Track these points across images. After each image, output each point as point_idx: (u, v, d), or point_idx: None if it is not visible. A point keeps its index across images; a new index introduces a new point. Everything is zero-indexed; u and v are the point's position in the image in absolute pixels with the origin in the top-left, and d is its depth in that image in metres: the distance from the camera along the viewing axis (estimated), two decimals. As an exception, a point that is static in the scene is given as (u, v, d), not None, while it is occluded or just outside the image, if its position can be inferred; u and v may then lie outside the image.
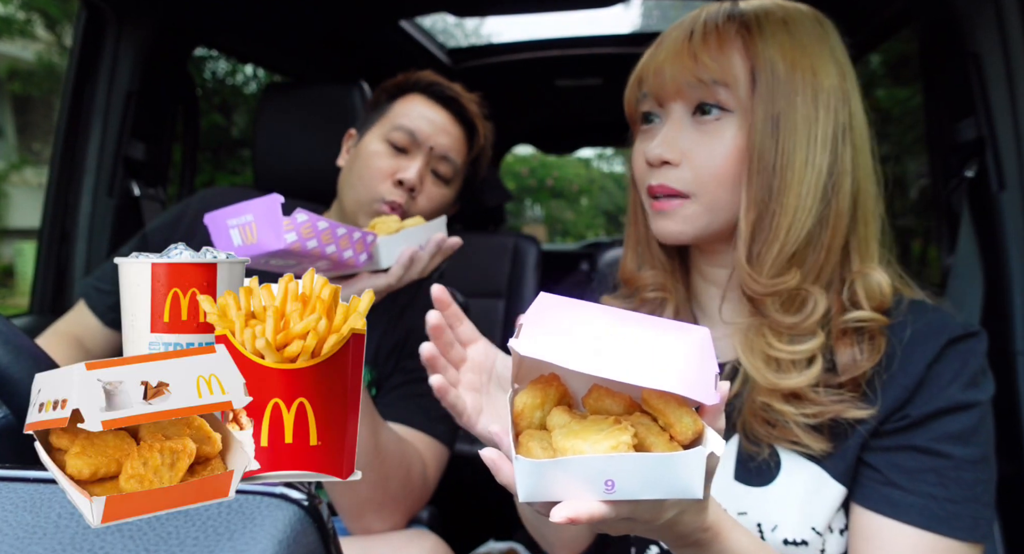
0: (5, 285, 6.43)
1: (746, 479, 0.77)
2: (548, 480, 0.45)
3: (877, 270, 0.76)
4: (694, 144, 0.76)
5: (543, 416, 0.52)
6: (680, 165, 0.77)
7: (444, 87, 1.21)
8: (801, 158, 0.73)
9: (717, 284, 0.84)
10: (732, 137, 0.74)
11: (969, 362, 0.72)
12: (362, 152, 1.19)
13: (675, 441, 0.48)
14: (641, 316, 0.52)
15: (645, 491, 0.45)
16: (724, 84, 0.74)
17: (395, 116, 1.19)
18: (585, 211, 13.74)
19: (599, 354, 0.47)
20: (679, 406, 0.48)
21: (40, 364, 0.56)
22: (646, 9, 3.58)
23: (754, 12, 0.77)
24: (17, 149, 7.31)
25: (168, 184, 1.69)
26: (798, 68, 0.74)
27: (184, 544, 0.37)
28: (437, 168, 1.20)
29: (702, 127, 0.76)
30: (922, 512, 0.69)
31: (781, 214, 0.73)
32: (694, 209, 0.77)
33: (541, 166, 12.11)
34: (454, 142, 1.20)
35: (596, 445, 0.45)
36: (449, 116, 1.20)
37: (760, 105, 0.73)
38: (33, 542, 0.37)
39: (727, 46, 0.75)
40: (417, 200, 1.17)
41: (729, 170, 0.75)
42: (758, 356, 0.74)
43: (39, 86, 6.43)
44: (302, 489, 0.40)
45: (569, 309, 0.52)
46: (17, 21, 5.43)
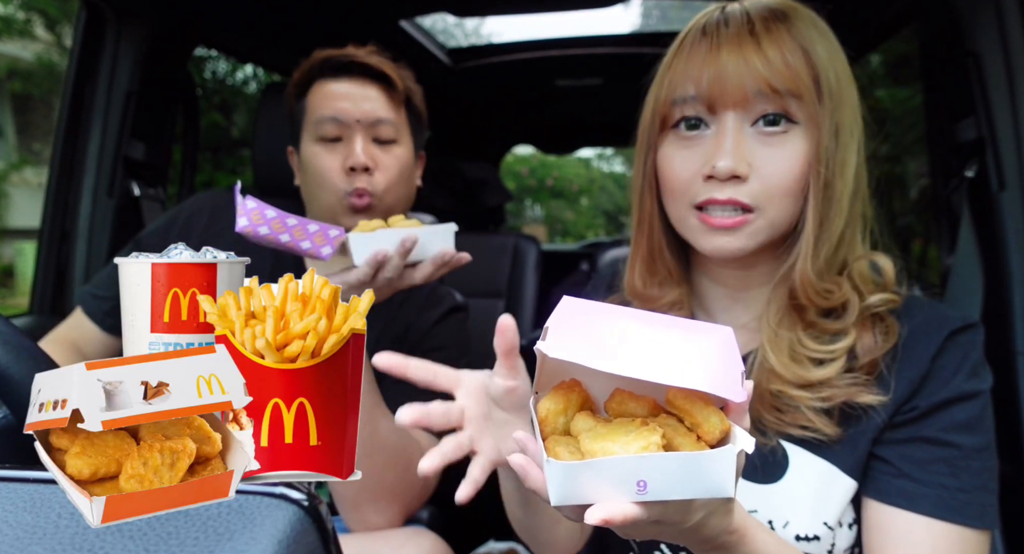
0: (5, 285, 6.43)
1: (754, 476, 0.77)
2: (580, 482, 0.45)
3: (876, 255, 0.78)
4: (763, 158, 0.73)
5: (567, 422, 0.52)
6: (748, 179, 0.73)
7: (335, 58, 1.17)
8: (850, 166, 0.74)
9: (725, 284, 0.84)
10: (800, 149, 0.72)
11: (970, 353, 0.73)
12: (305, 161, 1.17)
13: (702, 441, 0.48)
14: (665, 317, 0.52)
15: (677, 491, 0.45)
16: (797, 96, 0.71)
17: (313, 111, 1.16)
18: (585, 211, 13.74)
19: (626, 355, 0.47)
20: (705, 406, 0.48)
21: (40, 364, 0.56)
22: (646, 9, 3.58)
23: (792, 9, 0.75)
24: (17, 149, 7.31)
25: (168, 184, 1.69)
26: (843, 75, 0.74)
27: (184, 544, 0.37)
28: (378, 135, 1.16)
29: (769, 138, 0.73)
30: (935, 502, 0.70)
31: (836, 221, 0.74)
32: (759, 225, 0.74)
33: (541, 166, 12.11)
34: (376, 103, 1.16)
35: (626, 446, 0.45)
36: (356, 81, 1.16)
37: (826, 116, 0.72)
38: (33, 542, 0.37)
39: (790, 49, 0.71)
40: (376, 175, 1.14)
41: (797, 183, 0.73)
42: (784, 353, 0.75)
43: (39, 86, 6.43)
44: (302, 489, 0.40)
45: (594, 312, 0.52)
46: (17, 21, 5.43)
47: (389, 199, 1.17)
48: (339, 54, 1.16)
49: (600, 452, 0.45)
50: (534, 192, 12.50)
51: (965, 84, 1.21)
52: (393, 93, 1.18)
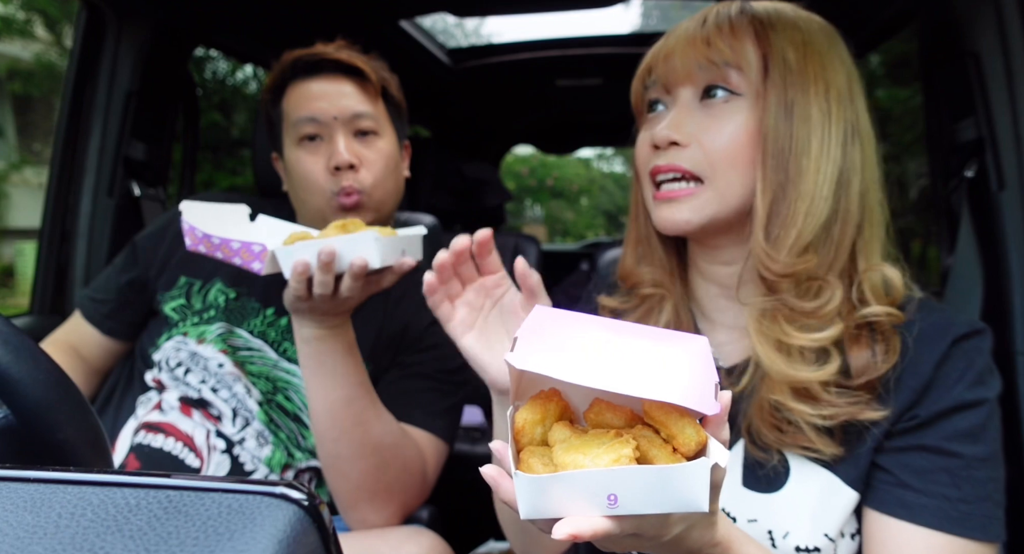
0: (5, 285, 6.44)
1: (755, 485, 0.75)
2: (549, 496, 0.44)
3: (886, 266, 0.76)
4: (703, 127, 0.76)
5: (544, 432, 0.51)
6: (690, 146, 0.76)
7: (305, 58, 1.15)
8: (817, 147, 0.74)
9: (718, 283, 0.83)
10: (743, 120, 0.75)
11: (975, 360, 0.71)
12: (289, 166, 1.16)
13: (678, 453, 0.47)
14: (638, 326, 0.51)
15: (649, 505, 0.44)
16: (737, 67, 0.75)
17: (290, 114, 1.15)
18: (585, 211, 13.75)
19: (597, 366, 0.46)
20: (681, 417, 0.47)
21: (40, 364, 0.56)
22: (646, 9, 3.58)
23: (765, 10, 0.78)
24: (17, 149, 7.32)
25: (168, 184, 1.69)
26: (810, 62, 0.75)
27: (184, 544, 0.37)
28: (358, 128, 1.15)
29: (711, 110, 0.76)
30: (936, 513, 0.68)
31: (798, 199, 0.73)
32: (706, 196, 0.76)
33: (541, 166, 12.11)
34: (352, 98, 1.14)
35: (597, 459, 0.44)
36: (331, 79, 1.15)
37: (773, 91, 0.74)
38: (33, 542, 0.37)
39: (740, 34, 0.75)
40: (361, 172, 1.13)
41: (740, 152, 0.74)
42: (770, 343, 0.73)
43: (39, 86, 6.43)
44: (302, 489, 0.40)
45: (565, 321, 0.51)
46: (17, 21, 5.43)
47: (378, 195, 1.15)
48: (308, 54, 1.15)
49: (571, 465, 0.45)
50: (534, 192, 12.51)
51: (965, 84, 1.21)
52: (368, 86, 1.16)
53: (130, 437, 1.11)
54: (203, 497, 0.39)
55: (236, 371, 1.14)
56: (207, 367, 1.14)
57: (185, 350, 1.15)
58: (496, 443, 0.52)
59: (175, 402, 1.12)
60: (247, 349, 1.16)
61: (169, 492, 0.40)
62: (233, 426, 1.12)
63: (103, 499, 0.39)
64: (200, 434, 1.10)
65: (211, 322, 1.16)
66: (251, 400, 1.13)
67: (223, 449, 1.10)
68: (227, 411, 1.13)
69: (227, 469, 1.09)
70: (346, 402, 0.97)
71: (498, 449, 0.51)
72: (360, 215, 1.13)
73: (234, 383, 1.13)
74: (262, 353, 1.16)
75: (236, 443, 1.11)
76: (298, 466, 1.15)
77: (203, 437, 1.10)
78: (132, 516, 0.38)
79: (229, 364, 1.14)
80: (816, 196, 0.73)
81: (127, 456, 1.09)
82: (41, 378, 0.55)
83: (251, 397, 1.14)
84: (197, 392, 1.13)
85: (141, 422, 1.11)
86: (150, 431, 1.10)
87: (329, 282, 0.89)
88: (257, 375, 1.15)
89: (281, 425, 1.14)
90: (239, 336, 1.16)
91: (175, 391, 1.13)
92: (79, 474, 0.41)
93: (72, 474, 0.41)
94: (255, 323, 1.17)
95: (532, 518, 0.45)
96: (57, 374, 0.57)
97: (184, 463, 1.08)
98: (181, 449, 1.09)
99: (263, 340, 1.17)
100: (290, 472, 1.14)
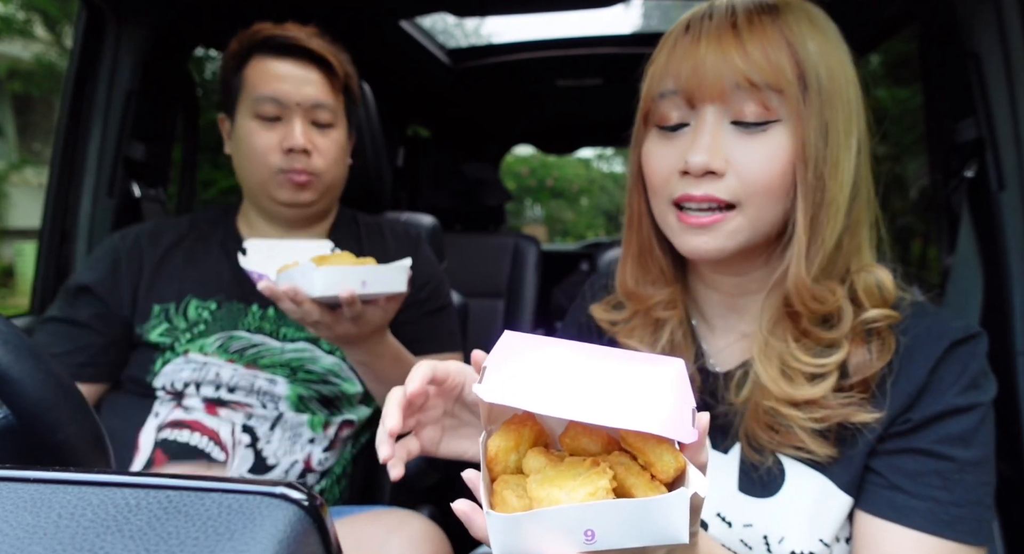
0: (5, 285, 6.43)
1: (750, 490, 0.75)
2: (523, 533, 0.42)
3: (876, 267, 0.75)
4: (740, 153, 0.70)
5: (519, 459, 0.49)
6: (725, 175, 0.71)
7: (280, 36, 1.17)
8: (843, 166, 0.71)
9: (720, 291, 0.83)
10: (782, 146, 0.70)
11: (970, 365, 0.70)
12: (240, 134, 1.18)
13: (656, 480, 0.45)
14: (610, 350, 0.50)
15: (627, 539, 0.42)
16: (777, 89, 0.68)
17: (251, 87, 1.16)
18: (585, 211, 13.74)
19: (569, 395, 0.45)
20: (658, 443, 0.46)
21: (40, 364, 0.56)
22: (646, 9, 3.58)
23: (784, 3, 0.72)
24: (17, 149, 7.31)
25: (168, 184, 1.69)
26: (837, 73, 0.71)
27: (184, 544, 0.37)
28: (316, 119, 1.17)
29: (747, 134, 0.71)
30: (926, 516, 0.68)
31: (828, 224, 0.71)
32: (738, 223, 0.72)
33: (541, 166, 12.10)
34: (318, 87, 1.17)
35: (572, 492, 0.42)
36: (299, 64, 1.17)
37: (812, 114, 0.69)
38: (33, 542, 0.37)
39: (773, 44, 0.69)
40: (314, 157, 1.17)
41: (779, 180, 0.70)
42: (775, 365, 0.72)
43: (39, 86, 6.43)
44: (302, 489, 0.40)
45: (535, 348, 0.49)
46: (17, 21, 5.43)
47: (328, 178, 1.21)
48: (281, 34, 1.17)
49: (546, 500, 0.43)
50: (534, 192, 12.49)
51: (965, 84, 1.21)
52: (334, 79, 1.20)
53: (153, 434, 1.12)
54: (203, 497, 0.39)
55: (251, 371, 1.16)
56: (219, 375, 1.14)
57: (188, 368, 1.14)
58: (468, 473, 0.49)
59: (199, 403, 1.13)
60: (251, 346, 1.17)
61: (169, 492, 0.40)
62: (264, 409, 1.15)
63: (103, 499, 0.39)
64: (226, 429, 1.12)
65: (206, 334, 1.16)
66: (277, 387, 1.16)
67: (247, 443, 1.13)
68: (255, 401, 1.15)
69: (250, 463, 1.12)
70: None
71: (470, 479, 0.49)
72: (308, 192, 1.18)
73: (254, 380, 1.16)
74: (266, 345, 1.18)
75: (261, 438, 1.14)
76: (337, 422, 1.22)
77: (228, 432, 1.12)
78: (132, 516, 0.38)
79: (241, 368, 1.15)
80: (838, 217, 0.71)
81: (153, 452, 1.10)
82: (41, 378, 0.55)
83: (276, 385, 1.16)
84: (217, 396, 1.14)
85: (165, 420, 1.12)
86: (175, 428, 1.12)
87: (292, 310, 0.95)
88: (271, 365, 1.17)
89: (307, 394, 1.19)
90: (239, 338, 1.17)
91: (195, 397, 1.14)
92: (79, 474, 0.41)
93: (72, 474, 0.41)
94: (248, 321, 1.19)
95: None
96: (57, 374, 0.57)
97: (210, 456, 1.10)
98: (207, 443, 1.11)
99: (262, 334, 1.18)
100: (332, 428, 1.21)
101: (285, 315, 1.21)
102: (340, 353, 1.22)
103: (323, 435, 1.20)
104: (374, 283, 0.95)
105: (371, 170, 1.57)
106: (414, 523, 1.03)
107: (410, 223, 1.57)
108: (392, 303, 1.00)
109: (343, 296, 0.92)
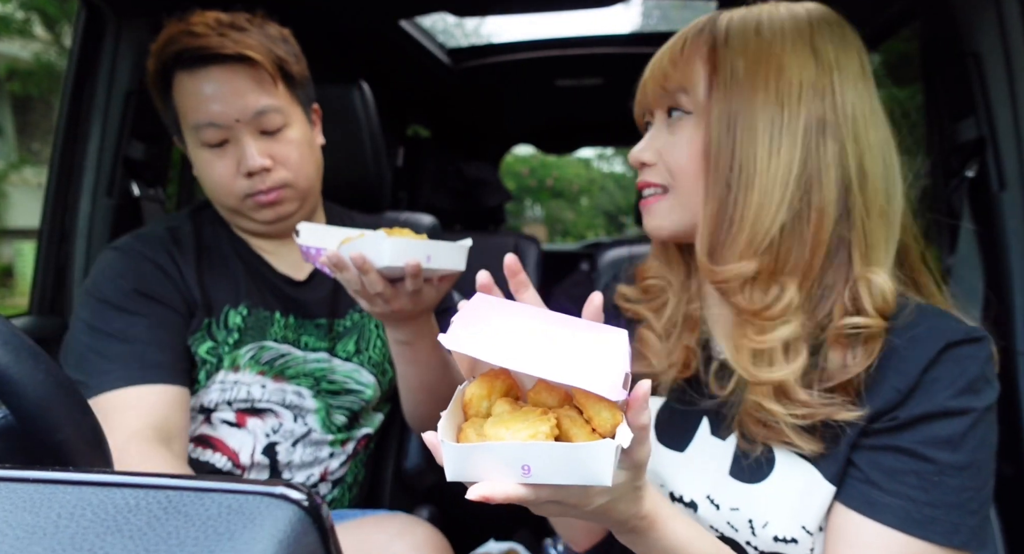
0: (5, 285, 6.43)
1: (740, 475, 0.78)
2: (471, 462, 0.49)
3: (880, 275, 0.74)
4: (666, 145, 0.83)
5: (490, 406, 0.57)
6: (656, 164, 0.84)
7: (191, 48, 1.02)
8: (764, 153, 0.74)
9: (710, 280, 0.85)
10: (691, 136, 0.80)
11: (968, 368, 0.70)
12: (196, 164, 1.11)
13: (596, 433, 0.53)
14: (567, 317, 0.57)
15: (558, 476, 0.49)
16: (684, 90, 0.80)
17: (184, 115, 1.06)
18: (585, 211, 13.74)
19: (518, 349, 0.52)
20: (598, 401, 0.53)
21: (40, 364, 0.56)
22: (646, 9, 3.58)
23: (727, 21, 0.80)
24: (16, 149, 7.31)
25: (167, 184, 1.69)
26: (761, 67, 0.75)
27: (184, 544, 0.37)
28: (264, 127, 1.06)
29: (671, 129, 0.83)
30: (898, 513, 0.68)
31: (745, 206, 0.75)
32: (670, 203, 0.83)
33: (541, 166, 12.11)
34: (251, 94, 1.04)
35: (517, 433, 0.50)
36: (219, 73, 1.03)
37: (716, 106, 0.77)
38: (33, 542, 0.37)
39: (691, 55, 0.80)
40: (277, 170, 1.08)
41: (693, 166, 0.79)
42: (738, 348, 0.77)
43: (38, 86, 6.43)
44: (302, 489, 0.40)
45: (499, 308, 0.57)
46: (16, 20, 5.42)
47: (301, 184, 1.12)
48: (189, 46, 1.02)
49: (492, 437, 0.51)
50: (534, 192, 12.50)
51: (966, 84, 1.21)
52: (263, 75, 1.06)
53: None
54: (203, 497, 0.39)
55: (279, 384, 1.15)
56: (250, 392, 1.12)
57: (218, 386, 1.10)
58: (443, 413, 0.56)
59: (229, 416, 1.12)
60: (280, 357, 1.15)
61: (169, 492, 0.40)
62: (295, 423, 1.15)
63: (103, 499, 0.39)
64: (247, 450, 1.11)
65: (239, 346, 1.11)
66: (305, 400, 1.16)
67: (266, 464, 1.12)
68: (285, 413, 1.15)
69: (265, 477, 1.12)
70: (431, 384, 1.11)
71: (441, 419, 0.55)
72: (285, 206, 1.12)
73: (283, 394, 1.15)
74: (291, 355, 1.17)
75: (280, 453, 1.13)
76: (357, 437, 1.22)
77: (248, 454, 1.11)
78: (132, 516, 0.38)
79: (270, 381, 1.14)
80: (765, 202, 0.74)
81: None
82: (41, 378, 0.55)
83: (304, 399, 1.16)
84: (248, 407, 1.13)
85: (192, 435, 1.10)
86: (199, 445, 1.10)
87: (353, 280, 0.93)
88: (296, 376, 1.16)
89: (334, 410, 1.19)
90: (269, 348, 1.14)
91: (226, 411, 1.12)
92: (79, 474, 0.41)
93: (72, 474, 0.41)
94: (275, 331, 1.16)
95: (456, 480, 0.51)
96: (57, 374, 0.57)
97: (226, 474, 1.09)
98: (225, 462, 1.10)
99: (287, 343, 1.17)
100: (351, 444, 1.21)
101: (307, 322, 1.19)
102: (357, 359, 1.21)
103: (342, 450, 1.20)
104: (438, 259, 0.94)
105: (371, 170, 1.57)
106: (417, 529, 1.02)
107: (410, 223, 1.57)
108: (445, 282, 0.98)
109: (409, 267, 0.90)
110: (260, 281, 1.18)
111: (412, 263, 0.90)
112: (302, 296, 1.21)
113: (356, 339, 1.23)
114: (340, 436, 1.19)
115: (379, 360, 1.24)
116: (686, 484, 0.82)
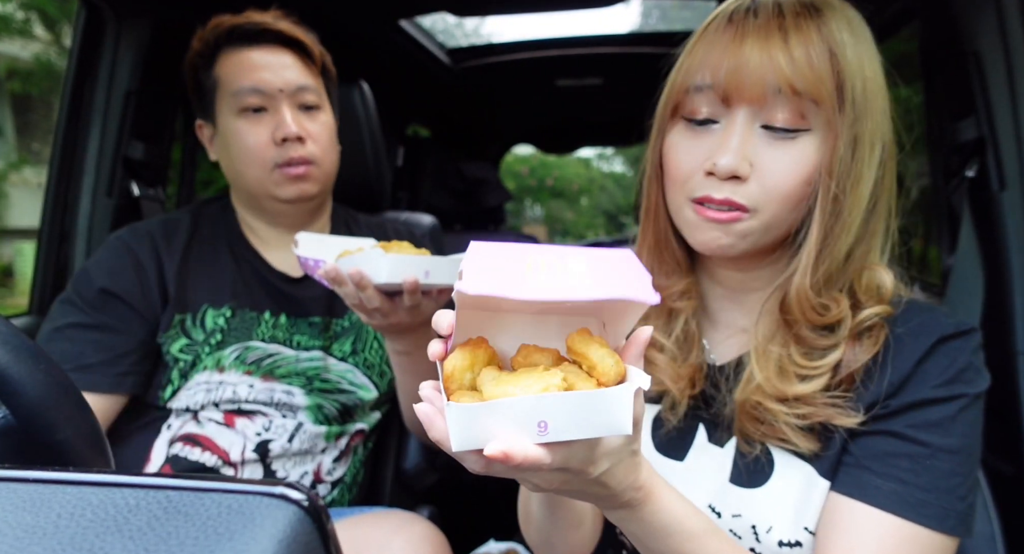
0: (5, 285, 6.43)
1: (740, 481, 0.77)
2: (481, 425, 0.45)
3: (880, 268, 0.75)
4: (767, 159, 0.70)
5: (473, 378, 0.52)
6: (748, 180, 0.70)
7: (247, 24, 1.12)
8: (865, 179, 0.71)
9: (725, 285, 0.84)
10: (809, 156, 0.69)
11: (957, 359, 0.71)
12: (228, 136, 1.13)
13: (600, 384, 0.50)
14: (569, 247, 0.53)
15: (578, 430, 0.46)
16: (815, 100, 0.67)
17: (228, 83, 1.11)
18: (585, 211, 13.74)
19: (539, 282, 0.48)
20: (600, 348, 0.50)
21: (40, 364, 0.56)
22: (646, 9, 3.58)
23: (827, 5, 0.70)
24: (16, 149, 7.32)
25: (167, 184, 1.69)
26: (872, 83, 0.70)
27: (184, 544, 0.37)
28: (303, 101, 1.13)
29: (775, 140, 0.70)
30: (890, 496, 0.68)
31: (842, 236, 0.71)
32: (750, 225, 0.72)
33: (541, 166, 12.11)
34: (296, 70, 1.13)
35: (527, 389, 0.46)
36: (273, 49, 1.12)
37: (844, 127, 0.68)
38: (33, 542, 0.37)
39: (818, 51, 0.67)
40: (308, 144, 1.12)
41: (798, 190, 0.70)
42: (772, 367, 0.73)
43: (38, 86, 6.43)
44: (302, 489, 0.40)
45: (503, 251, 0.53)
46: (16, 20, 5.42)
47: (325, 166, 1.17)
48: (249, 22, 1.12)
49: (501, 396, 0.46)
50: (534, 192, 12.50)
51: (966, 83, 1.21)
52: (310, 60, 1.16)
53: (165, 448, 1.10)
54: (203, 497, 0.39)
55: (268, 383, 1.14)
56: (236, 392, 1.11)
57: (203, 387, 1.10)
58: (426, 384, 0.52)
59: (217, 416, 1.11)
60: (268, 357, 1.15)
61: (169, 492, 0.40)
62: (284, 419, 1.14)
63: (103, 499, 0.39)
64: (237, 448, 1.11)
65: (223, 346, 1.12)
66: (295, 398, 1.15)
67: (256, 460, 1.12)
68: (273, 412, 1.14)
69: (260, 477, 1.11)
70: None
71: (430, 393, 0.51)
72: (308, 184, 1.14)
73: (271, 393, 1.14)
74: (281, 354, 1.16)
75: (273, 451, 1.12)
76: (351, 431, 1.22)
77: (239, 452, 1.11)
78: (132, 516, 0.38)
79: (258, 381, 1.13)
80: (852, 229, 0.71)
81: (162, 467, 1.09)
82: (41, 378, 0.55)
83: (293, 396, 1.15)
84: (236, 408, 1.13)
85: (178, 434, 1.10)
86: (187, 443, 1.10)
87: (351, 295, 0.94)
88: (287, 375, 1.16)
89: (327, 405, 1.18)
90: (255, 349, 1.15)
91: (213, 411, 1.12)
92: (79, 474, 0.41)
93: (72, 474, 0.41)
94: (262, 331, 1.16)
95: (464, 449, 0.46)
96: (57, 374, 0.57)
97: (220, 473, 1.09)
98: (216, 461, 1.10)
99: (276, 342, 1.16)
100: (344, 439, 1.20)
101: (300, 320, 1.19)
102: (352, 360, 1.21)
103: (334, 445, 1.20)
104: (436, 274, 0.95)
105: (371, 170, 1.57)
106: (415, 526, 1.02)
107: (410, 222, 1.57)
108: (444, 295, 1.00)
109: (407, 283, 0.91)
110: (252, 279, 1.18)
111: (410, 280, 0.92)
112: (298, 293, 1.21)
113: (353, 340, 1.23)
114: (333, 429, 1.18)
115: (376, 362, 1.24)
116: (687, 494, 0.81)
